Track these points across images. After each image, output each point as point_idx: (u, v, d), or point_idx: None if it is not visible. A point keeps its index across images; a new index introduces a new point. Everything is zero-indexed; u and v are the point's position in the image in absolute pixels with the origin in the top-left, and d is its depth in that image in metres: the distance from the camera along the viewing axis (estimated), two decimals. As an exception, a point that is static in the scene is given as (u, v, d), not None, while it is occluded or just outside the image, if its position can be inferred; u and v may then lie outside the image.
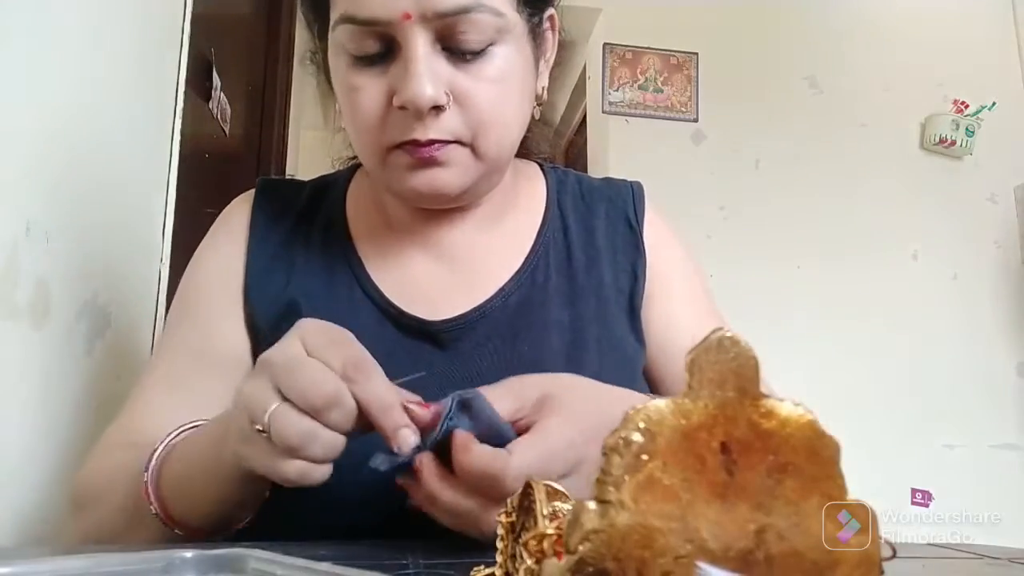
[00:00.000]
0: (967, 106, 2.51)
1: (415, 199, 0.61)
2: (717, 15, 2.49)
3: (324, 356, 0.42)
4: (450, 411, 0.43)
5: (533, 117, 0.64)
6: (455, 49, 0.54)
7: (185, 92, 1.18)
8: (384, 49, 0.54)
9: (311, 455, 0.41)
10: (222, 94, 1.55)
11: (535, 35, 0.60)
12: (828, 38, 2.55)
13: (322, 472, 0.42)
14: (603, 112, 2.43)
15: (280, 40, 2.20)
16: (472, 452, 0.41)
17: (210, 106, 1.47)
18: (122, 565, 0.30)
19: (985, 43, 2.63)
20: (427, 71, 0.52)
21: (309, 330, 0.44)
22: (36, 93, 0.73)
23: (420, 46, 0.52)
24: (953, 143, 2.50)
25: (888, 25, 2.60)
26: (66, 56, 0.80)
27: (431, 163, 0.56)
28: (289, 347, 0.43)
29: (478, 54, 0.54)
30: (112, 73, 0.92)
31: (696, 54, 2.47)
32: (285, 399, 0.41)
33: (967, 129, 2.50)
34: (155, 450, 0.51)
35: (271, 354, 0.43)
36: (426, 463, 0.43)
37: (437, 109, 0.54)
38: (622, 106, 2.43)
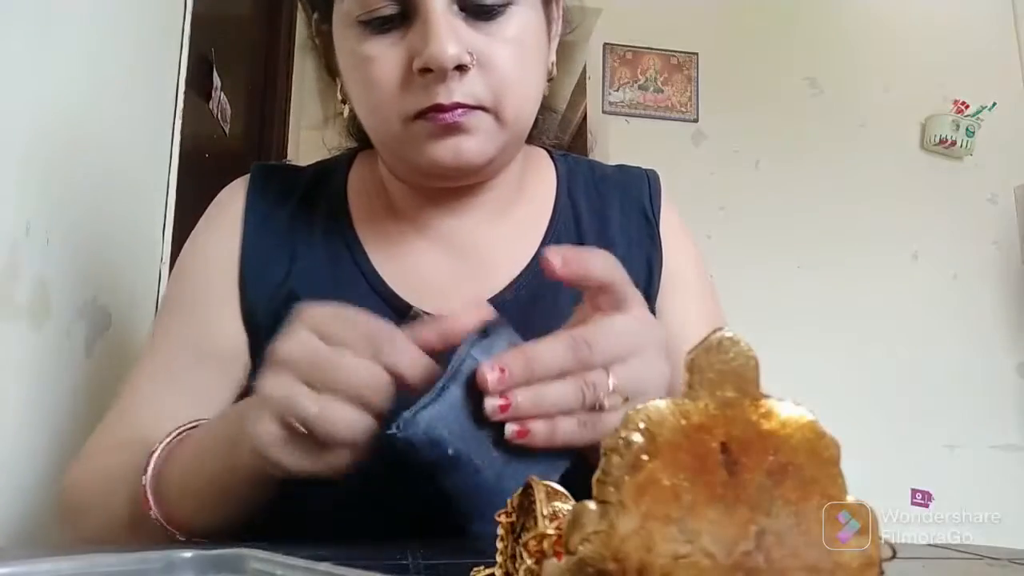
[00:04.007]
0: (967, 106, 2.51)
1: (437, 171, 0.58)
2: (717, 15, 2.49)
3: (347, 340, 0.41)
4: (471, 340, 0.41)
5: (544, 91, 0.62)
6: (473, 8, 0.53)
7: (185, 92, 1.18)
8: (398, 13, 0.53)
9: (359, 441, 0.41)
10: (222, 94, 1.55)
11: (547, 4, 0.59)
12: (828, 38, 2.55)
13: (354, 456, 0.42)
14: (603, 112, 2.43)
15: (280, 40, 2.20)
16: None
17: (210, 106, 1.47)
18: (121, 565, 0.30)
19: (985, 43, 2.63)
20: (448, 29, 0.51)
21: (315, 317, 0.42)
22: (36, 93, 0.73)
23: (438, 4, 0.51)
24: (953, 143, 2.50)
25: (888, 25, 2.60)
26: (66, 56, 0.80)
27: (455, 130, 0.54)
28: (304, 339, 0.41)
29: (496, 14, 0.54)
30: (112, 73, 0.92)
31: (696, 54, 2.47)
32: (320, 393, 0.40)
33: (967, 129, 2.50)
34: (153, 452, 0.49)
35: (288, 350, 0.41)
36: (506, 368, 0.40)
37: (460, 70, 0.52)
38: (622, 106, 2.43)
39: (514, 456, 0.40)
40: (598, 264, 0.43)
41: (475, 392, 0.40)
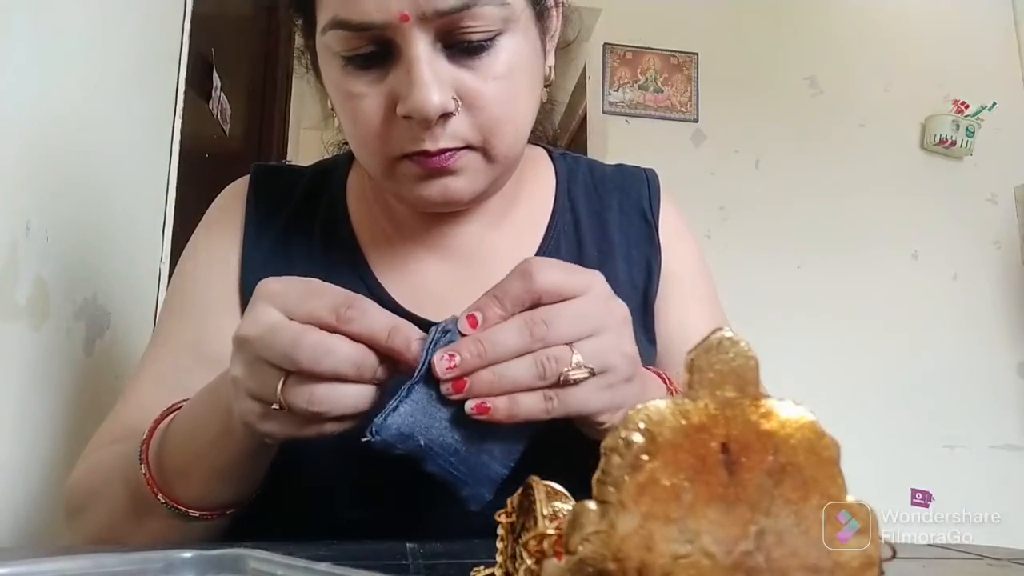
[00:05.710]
0: (967, 106, 2.51)
1: (426, 207, 0.58)
2: (717, 15, 2.50)
3: (309, 313, 0.40)
4: (434, 338, 0.41)
5: (540, 100, 0.60)
6: (458, 46, 0.50)
7: (185, 92, 1.18)
8: (381, 52, 0.50)
9: (342, 412, 0.41)
10: (222, 94, 1.55)
11: (541, 16, 0.56)
12: (828, 38, 2.55)
13: (354, 421, 0.42)
14: (603, 112, 2.43)
15: (280, 40, 2.20)
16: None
17: (210, 106, 1.47)
18: (122, 565, 0.30)
19: (985, 43, 2.64)
20: (431, 77, 0.49)
21: (276, 290, 0.42)
22: (36, 93, 0.73)
23: (421, 48, 0.49)
24: (953, 143, 2.50)
25: (888, 25, 2.60)
26: (66, 56, 0.80)
27: (443, 172, 0.53)
28: (264, 315, 0.41)
29: (483, 49, 0.50)
30: (112, 73, 0.92)
31: (696, 54, 2.47)
32: (288, 371, 0.40)
33: (967, 129, 2.50)
34: (147, 437, 0.49)
35: (248, 330, 0.41)
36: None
37: (445, 116, 0.50)
38: (622, 106, 2.43)
39: (485, 433, 0.42)
40: (515, 287, 0.41)
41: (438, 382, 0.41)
